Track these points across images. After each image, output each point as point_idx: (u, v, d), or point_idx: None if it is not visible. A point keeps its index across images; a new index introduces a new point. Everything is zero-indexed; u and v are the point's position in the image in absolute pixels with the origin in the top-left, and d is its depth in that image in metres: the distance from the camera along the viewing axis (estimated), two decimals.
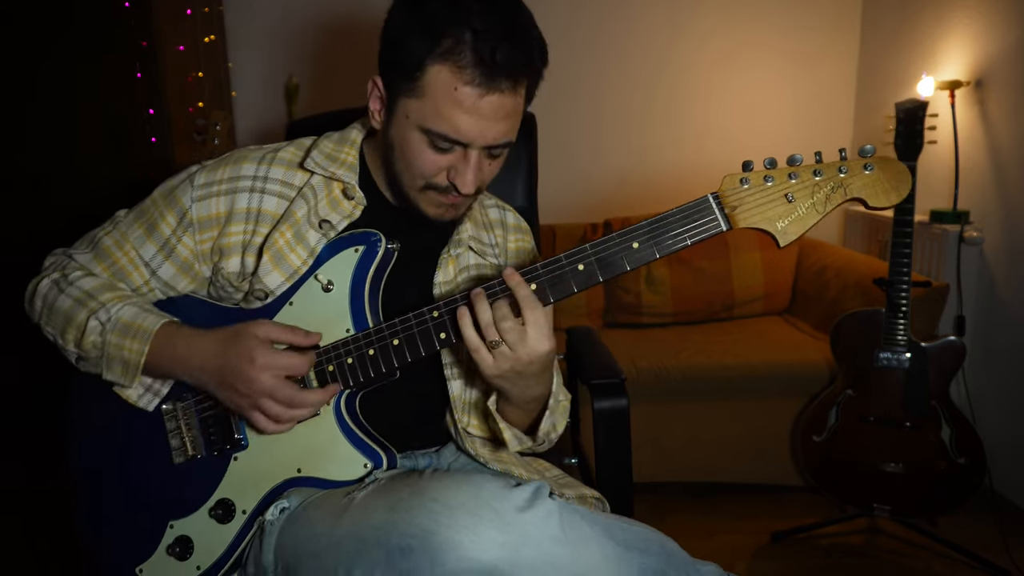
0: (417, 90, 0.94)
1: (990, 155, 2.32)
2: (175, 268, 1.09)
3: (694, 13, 2.99)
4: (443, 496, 0.83)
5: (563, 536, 0.82)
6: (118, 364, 1.02)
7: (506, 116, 0.96)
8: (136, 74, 2.47)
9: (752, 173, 0.90)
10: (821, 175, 0.89)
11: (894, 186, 0.88)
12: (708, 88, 3.04)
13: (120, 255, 1.09)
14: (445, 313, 0.97)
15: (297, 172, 1.09)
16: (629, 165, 3.10)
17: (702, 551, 1.00)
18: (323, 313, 1.03)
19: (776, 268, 2.74)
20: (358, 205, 1.07)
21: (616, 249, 0.92)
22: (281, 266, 1.04)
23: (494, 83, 0.92)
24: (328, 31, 2.95)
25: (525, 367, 0.93)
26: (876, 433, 2.00)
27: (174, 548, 1.04)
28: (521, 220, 1.28)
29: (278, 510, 0.98)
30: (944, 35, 2.51)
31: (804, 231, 0.90)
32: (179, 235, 1.07)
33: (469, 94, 0.92)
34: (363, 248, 1.03)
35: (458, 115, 0.93)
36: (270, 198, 1.07)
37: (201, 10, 2.73)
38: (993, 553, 1.97)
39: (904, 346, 1.95)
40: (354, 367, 1.01)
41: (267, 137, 3.01)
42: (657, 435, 2.30)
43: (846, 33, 3.04)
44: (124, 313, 1.02)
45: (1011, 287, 2.25)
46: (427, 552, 0.80)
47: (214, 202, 1.07)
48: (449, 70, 0.92)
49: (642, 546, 0.89)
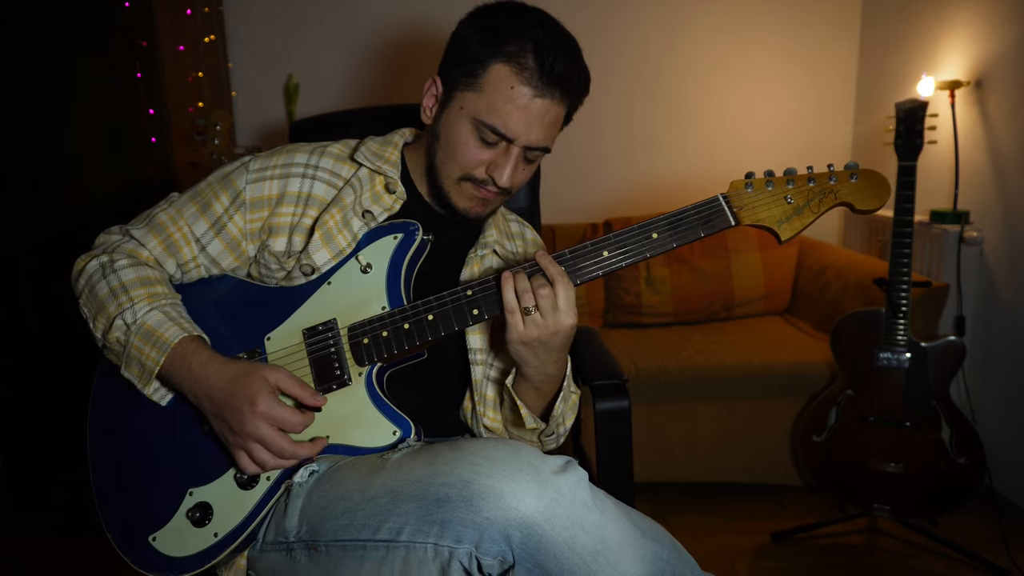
0: (476, 85, 1.05)
1: (990, 155, 2.32)
2: (223, 245, 1.14)
3: (694, 13, 2.99)
4: (484, 451, 0.87)
5: (592, 503, 0.86)
6: (136, 366, 1.05)
7: (550, 123, 1.08)
8: (136, 74, 2.47)
9: (755, 180, 1.03)
10: (814, 183, 1.03)
11: (877, 193, 1.02)
12: (708, 88, 3.04)
13: (174, 229, 1.14)
14: (479, 292, 1.04)
15: (344, 164, 1.18)
16: (630, 165, 3.10)
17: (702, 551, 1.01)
18: (360, 291, 1.09)
19: (776, 268, 2.75)
20: (398, 200, 1.16)
21: (638, 236, 1.02)
22: (329, 244, 1.11)
23: (548, 88, 1.04)
24: (328, 31, 2.95)
25: (550, 337, 0.99)
26: (876, 433, 2.00)
27: (193, 513, 1.04)
28: (538, 237, 1.37)
29: (307, 472, 1.00)
30: (944, 35, 2.52)
31: (802, 229, 1.03)
32: (231, 213, 1.14)
33: (524, 94, 1.04)
34: (401, 236, 1.11)
35: (510, 110, 1.04)
36: (320, 184, 1.15)
37: (201, 10, 2.73)
38: (993, 553, 1.98)
39: (904, 346, 1.95)
40: (389, 339, 1.06)
41: (267, 137, 3.01)
42: (657, 435, 2.30)
43: (846, 33, 3.04)
44: (150, 318, 1.05)
45: (1011, 287, 2.25)
46: (465, 500, 0.83)
47: (267, 185, 1.14)
48: (510, 69, 1.03)
49: (656, 537, 0.91)
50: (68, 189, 2.56)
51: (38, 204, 2.57)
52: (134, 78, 2.47)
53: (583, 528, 0.83)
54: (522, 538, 0.81)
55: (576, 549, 0.82)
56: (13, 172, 2.55)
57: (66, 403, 1.09)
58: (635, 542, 0.87)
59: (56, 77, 2.48)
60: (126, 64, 2.46)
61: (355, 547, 0.90)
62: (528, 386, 1.09)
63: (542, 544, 0.81)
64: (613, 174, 3.11)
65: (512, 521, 0.81)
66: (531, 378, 1.07)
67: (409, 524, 0.85)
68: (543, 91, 1.04)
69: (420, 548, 0.85)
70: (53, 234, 2.56)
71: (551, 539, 0.81)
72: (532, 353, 1.02)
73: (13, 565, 2.14)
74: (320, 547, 0.93)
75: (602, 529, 0.84)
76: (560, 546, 0.81)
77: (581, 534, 0.83)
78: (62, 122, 2.52)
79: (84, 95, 2.50)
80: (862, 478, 2.03)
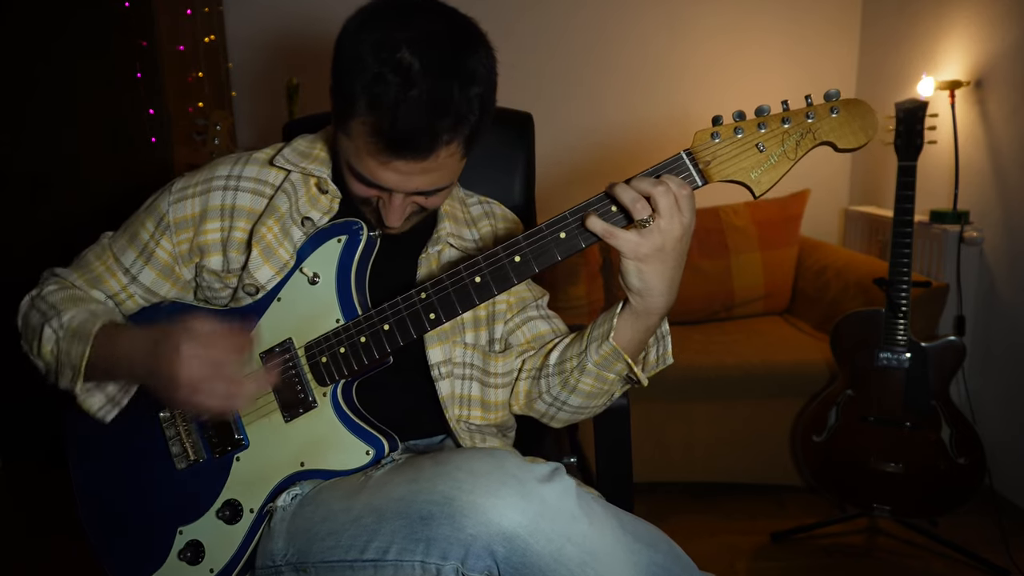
0: (345, 128, 0.94)
1: (990, 155, 2.32)
2: (155, 272, 1.10)
3: (694, 13, 2.99)
4: (467, 465, 0.85)
5: (580, 513, 0.84)
6: (68, 369, 1.02)
7: (425, 172, 0.93)
8: (136, 74, 2.47)
9: (722, 127, 0.91)
10: (789, 123, 0.90)
11: (861, 127, 0.89)
12: (708, 88, 3.04)
13: (98, 264, 1.11)
14: (433, 294, 0.98)
15: (271, 170, 1.10)
16: (629, 165, 3.10)
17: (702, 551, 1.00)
18: (312, 306, 1.03)
19: (776, 268, 2.74)
20: (334, 199, 1.08)
21: (598, 212, 0.93)
22: (271, 260, 1.05)
23: (401, 152, 0.90)
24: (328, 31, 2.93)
25: (674, 244, 0.90)
26: (876, 433, 2.00)
27: (185, 553, 1.04)
28: (508, 212, 1.28)
29: (290, 496, 0.99)
30: (944, 35, 2.51)
31: (777, 179, 0.91)
32: (157, 239, 1.09)
33: (385, 155, 0.91)
34: (345, 237, 1.04)
35: (374, 166, 0.93)
36: (244, 194, 1.08)
37: (201, 10, 2.73)
38: (993, 553, 1.97)
39: (904, 346, 1.95)
40: (347, 356, 1.01)
41: (267, 137, 3.01)
42: (656, 435, 2.30)
43: (846, 33, 3.04)
44: (75, 319, 1.02)
45: (1011, 287, 2.25)
46: (448, 517, 0.82)
47: (189, 203, 1.08)
48: (363, 125, 0.90)
49: (651, 542, 0.90)
50: (68, 189, 2.56)
51: (38, 204, 2.57)
52: (134, 78, 2.47)
53: (570, 539, 0.82)
54: (506, 553, 0.80)
55: (563, 561, 0.81)
56: (13, 172, 2.55)
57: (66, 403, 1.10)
58: (627, 550, 0.86)
59: (56, 77, 2.48)
60: (126, 64, 2.46)
61: (343, 567, 0.90)
62: (632, 320, 0.99)
63: (527, 558, 0.80)
64: (613, 174, 3.10)
65: (496, 536, 0.80)
66: (639, 306, 0.97)
67: (395, 543, 0.85)
68: (404, 154, 0.90)
69: (408, 566, 0.85)
70: (53, 234, 2.56)
71: (536, 552, 0.80)
72: (649, 267, 0.91)
73: (13, 565, 2.14)
74: (309, 568, 0.93)
75: (590, 539, 0.83)
76: (546, 559, 0.80)
77: (568, 546, 0.81)
78: (62, 122, 2.52)
79: (84, 95, 2.50)
80: (862, 478, 2.03)
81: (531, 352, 1.17)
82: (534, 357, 1.16)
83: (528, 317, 1.20)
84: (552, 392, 1.11)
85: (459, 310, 0.98)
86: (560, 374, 1.09)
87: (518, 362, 1.17)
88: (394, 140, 0.89)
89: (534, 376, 1.14)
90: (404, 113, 0.87)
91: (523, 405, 1.17)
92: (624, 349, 1.01)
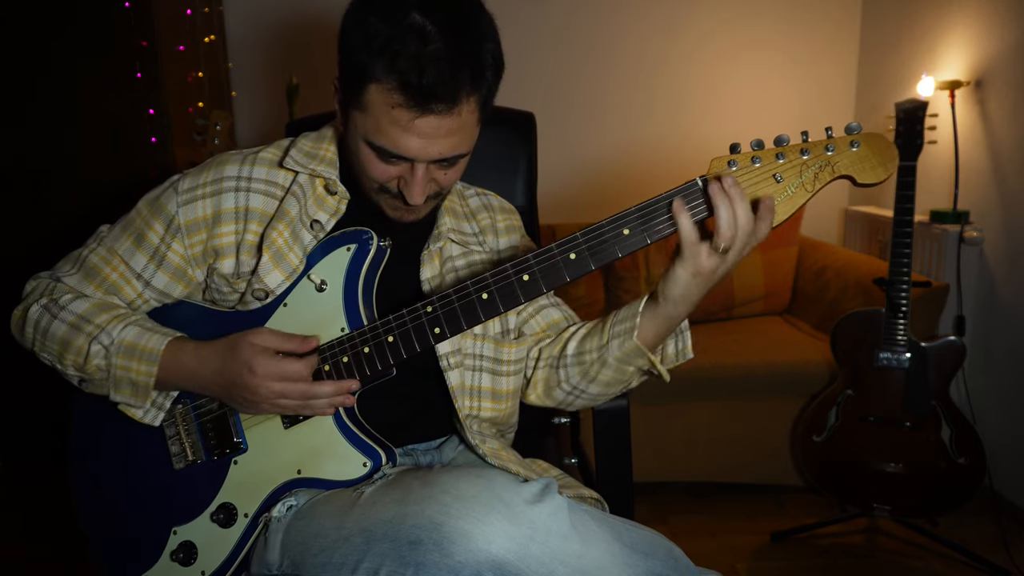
0: (360, 104, 0.95)
1: (990, 155, 2.32)
2: (168, 276, 1.09)
3: (693, 13, 2.99)
4: (454, 488, 0.84)
5: (572, 533, 0.83)
6: (127, 386, 1.03)
7: (449, 133, 0.94)
8: (136, 74, 2.47)
9: (740, 155, 0.90)
10: (808, 154, 0.89)
11: (881, 162, 0.88)
12: (708, 88, 3.04)
13: (109, 271, 1.09)
14: (440, 308, 0.97)
15: (280, 171, 1.10)
16: (629, 165, 3.10)
17: (702, 551, 1.00)
18: (317, 313, 1.03)
19: (776, 268, 2.74)
20: (342, 200, 1.08)
21: (608, 236, 0.93)
22: (281, 265, 1.04)
23: (426, 105, 0.90)
24: (328, 31, 2.94)
25: (726, 271, 0.95)
26: (876, 433, 2.00)
27: (178, 554, 1.04)
28: (504, 201, 1.28)
29: (285, 507, 0.99)
30: (944, 35, 2.51)
31: (793, 211, 0.90)
32: (168, 242, 1.07)
33: (406, 115, 0.91)
34: (355, 247, 1.03)
35: (397, 133, 0.93)
36: (256, 196, 1.08)
37: (201, 10, 2.73)
38: (993, 553, 1.97)
39: (904, 346, 1.95)
40: (350, 365, 1.01)
41: (267, 137, 3.00)
42: (657, 435, 2.30)
43: (846, 33, 3.04)
44: (127, 335, 1.02)
45: (1011, 287, 2.25)
46: (436, 544, 0.81)
47: (200, 205, 1.07)
48: (382, 90, 0.91)
49: (648, 550, 0.89)
50: (68, 189, 2.56)
51: (38, 204, 2.57)
52: (134, 78, 2.47)
53: (561, 562, 0.81)
54: None
55: None
56: (13, 172, 2.55)
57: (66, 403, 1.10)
58: (623, 563, 0.85)
59: (56, 77, 2.48)
60: (126, 64, 2.47)
61: None
62: (657, 314, 1.01)
63: None
64: (612, 174, 3.11)
65: (485, 564, 0.79)
66: (673, 307, 0.99)
67: (385, 565, 0.84)
68: (425, 109, 0.90)
69: None
70: (53, 234, 2.56)
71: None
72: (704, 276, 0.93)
73: (13, 565, 2.14)
74: None
75: (583, 559, 0.82)
76: None
77: (559, 568, 0.81)
78: (63, 122, 2.52)
79: (84, 95, 2.50)
80: (862, 478, 2.03)
81: (547, 340, 1.18)
82: (551, 345, 1.17)
83: (541, 306, 1.21)
84: (571, 381, 1.13)
85: (464, 326, 0.97)
86: (579, 364, 1.11)
87: (534, 351, 1.18)
88: (419, 93, 0.89)
89: (552, 365, 1.15)
90: (427, 64, 0.88)
91: (541, 394, 1.18)
92: (644, 344, 1.03)
